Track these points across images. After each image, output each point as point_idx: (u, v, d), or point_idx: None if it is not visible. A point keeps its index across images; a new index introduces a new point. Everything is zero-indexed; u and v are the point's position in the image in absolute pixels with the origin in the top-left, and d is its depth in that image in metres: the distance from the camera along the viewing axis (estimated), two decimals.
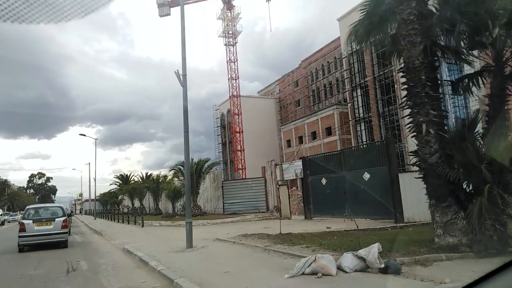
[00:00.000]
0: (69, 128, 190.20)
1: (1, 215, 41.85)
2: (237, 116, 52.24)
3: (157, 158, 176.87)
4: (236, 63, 52.48)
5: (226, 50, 52.73)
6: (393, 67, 35.67)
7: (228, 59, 52.46)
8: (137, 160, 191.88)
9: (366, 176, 16.26)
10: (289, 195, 21.64)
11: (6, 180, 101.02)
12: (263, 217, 21.78)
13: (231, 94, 52.33)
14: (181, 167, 24.30)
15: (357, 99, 40.51)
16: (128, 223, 23.86)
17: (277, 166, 22.85)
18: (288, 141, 53.31)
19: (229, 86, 52.59)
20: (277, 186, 22.30)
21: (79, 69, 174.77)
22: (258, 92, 74.49)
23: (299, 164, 20.48)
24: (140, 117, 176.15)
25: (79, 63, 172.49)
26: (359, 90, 40.41)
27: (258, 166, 55.65)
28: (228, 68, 52.51)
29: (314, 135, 47.37)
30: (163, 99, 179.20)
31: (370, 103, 38.37)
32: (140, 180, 42.63)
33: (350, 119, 41.45)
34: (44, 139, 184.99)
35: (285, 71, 67.93)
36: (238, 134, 52.46)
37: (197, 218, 22.58)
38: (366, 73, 38.84)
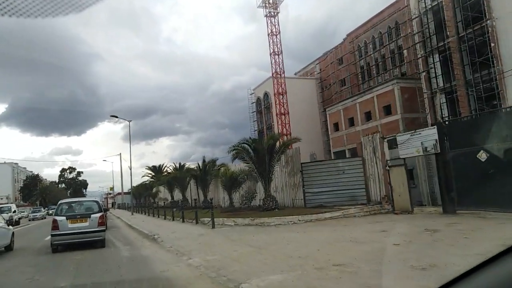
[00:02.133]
0: (98, 124, 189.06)
1: (14, 212, 31.84)
2: (281, 96, 45.73)
3: (182, 151, 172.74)
4: (278, 35, 45.92)
5: (267, 22, 46.18)
6: (489, 20, 28.32)
7: (269, 31, 45.91)
8: (163, 154, 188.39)
9: None
10: (408, 179, 15.10)
11: (37, 175, 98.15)
12: (370, 211, 15.35)
13: (274, 71, 45.83)
14: (247, 145, 18.05)
15: (434, 66, 33.21)
16: (183, 221, 17.81)
17: (385, 140, 16.30)
18: (336, 124, 46.27)
19: (271, 62, 46.11)
20: (387, 168, 15.78)
21: (107, 67, 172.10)
22: (295, 74, 67.75)
23: (430, 133, 13.84)
24: (166, 111, 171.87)
25: (107, 61, 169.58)
26: (436, 56, 33.08)
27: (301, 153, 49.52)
28: (269, 42, 46.00)
29: (368, 116, 40.39)
30: (188, 93, 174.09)
31: (454, 69, 30.99)
32: (173, 171, 37.28)
33: (425, 91, 34.23)
34: (74, 136, 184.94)
35: (308, 61, 61.13)
36: (283, 117, 46.00)
37: (275, 213, 16.36)
38: (448, 32, 31.43)
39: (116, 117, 34.97)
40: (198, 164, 28.02)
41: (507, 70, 27.07)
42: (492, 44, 28.09)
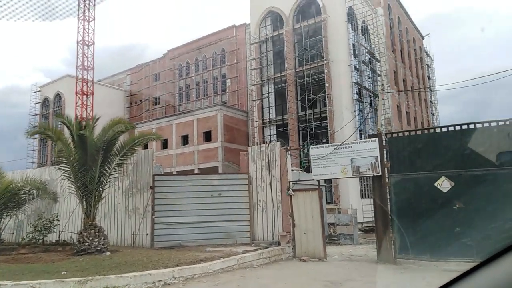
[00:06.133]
0: None
1: None
2: (86, 97, 35.68)
3: None
4: (93, 22, 36.50)
5: (79, 1, 36.11)
6: (326, 61, 28.92)
7: (81, 14, 35.91)
8: None
9: None
10: (321, 210, 10.53)
11: None
12: (270, 258, 9.87)
13: (80, 63, 35.63)
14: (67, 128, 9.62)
15: (268, 96, 31.87)
16: None
17: (288, 153, 11.39)
18: (146, 145, 39.56)
19: (77, 51, 35.86)
20: (290, 193, 10.86)
21: None
22: (100, 80, 57.24)
23: (368, 147, 9.79)
24: None
25: None
26: (272, 86, 31.92)
27: None
28: (78, 26, 35.91)
29: (185, 140, 36.36)
30: None
31: (289, 102, 30.17)
32: None
33: (256, 120, 32.27)
34: None
35: (104, 76, 54.83)
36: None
37: (107, 261, 8.65)
38: (287, 65, 30.79)
39: None
40: None
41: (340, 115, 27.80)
42: (327, 85, 28.66)
